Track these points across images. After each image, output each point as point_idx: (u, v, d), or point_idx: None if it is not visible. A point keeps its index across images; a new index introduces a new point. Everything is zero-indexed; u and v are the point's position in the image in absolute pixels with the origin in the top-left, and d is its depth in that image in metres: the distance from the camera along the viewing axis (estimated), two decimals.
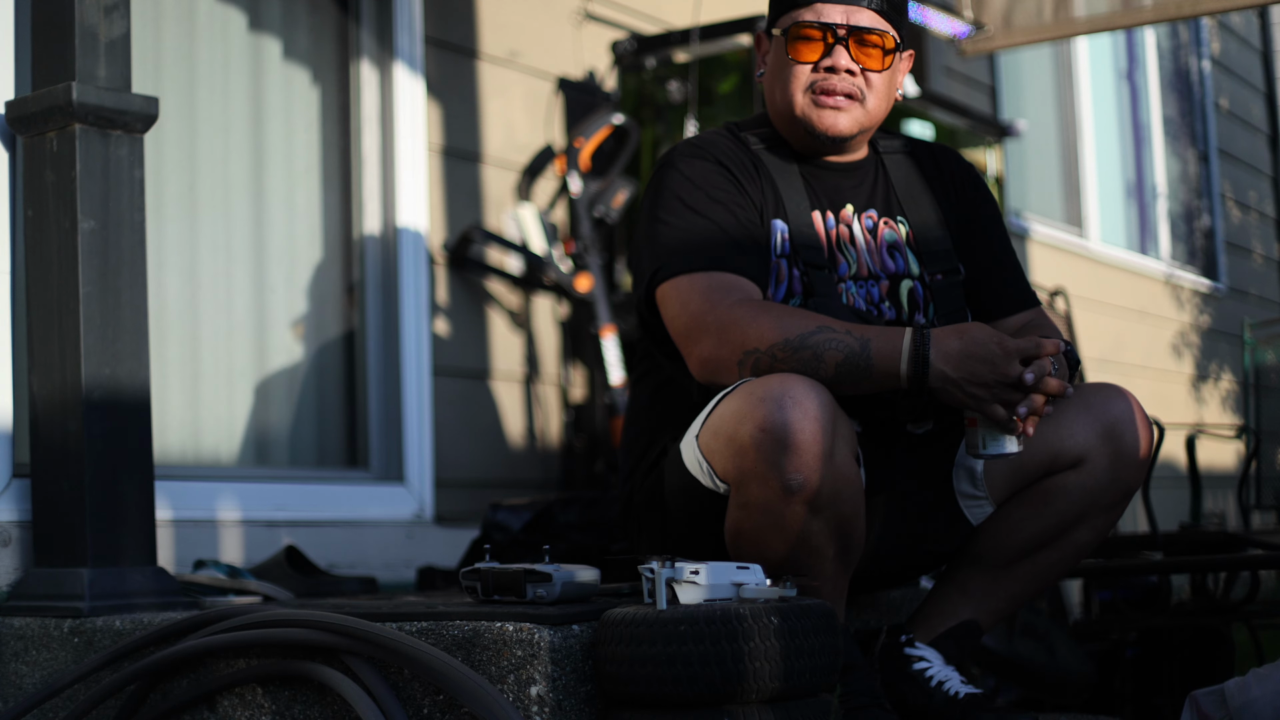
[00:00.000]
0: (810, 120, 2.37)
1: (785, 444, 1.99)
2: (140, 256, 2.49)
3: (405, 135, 3.67)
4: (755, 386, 2.05)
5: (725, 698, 1.79)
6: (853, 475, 2.09)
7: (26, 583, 2.45)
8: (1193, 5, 4.57)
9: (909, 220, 2.46)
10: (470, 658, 1.90)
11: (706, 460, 2.12)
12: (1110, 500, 2.34)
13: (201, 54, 3.44)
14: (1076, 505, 2.32)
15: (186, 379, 3.34)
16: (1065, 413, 2.30)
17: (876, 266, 2.40)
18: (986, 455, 2.16)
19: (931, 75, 5.49)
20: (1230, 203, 8.60)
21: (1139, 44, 7.91)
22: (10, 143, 2.64)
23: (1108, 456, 2.31)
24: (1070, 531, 2.35)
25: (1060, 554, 2.37)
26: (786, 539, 2.05)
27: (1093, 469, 2.31)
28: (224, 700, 2.09)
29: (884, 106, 2.41)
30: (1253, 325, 4.69)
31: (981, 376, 2.08)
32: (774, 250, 2.34)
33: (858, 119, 2.38)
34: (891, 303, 2.39)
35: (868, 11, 2.35)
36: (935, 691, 2.28)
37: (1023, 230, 6.32)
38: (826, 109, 2.37)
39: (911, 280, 2.42)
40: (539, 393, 3.92)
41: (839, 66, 2.34)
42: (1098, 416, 2.32)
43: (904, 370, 2.10)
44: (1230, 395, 8.20)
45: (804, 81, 2.37)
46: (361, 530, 3.41)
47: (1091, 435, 2.31)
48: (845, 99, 2.36)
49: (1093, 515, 2.34)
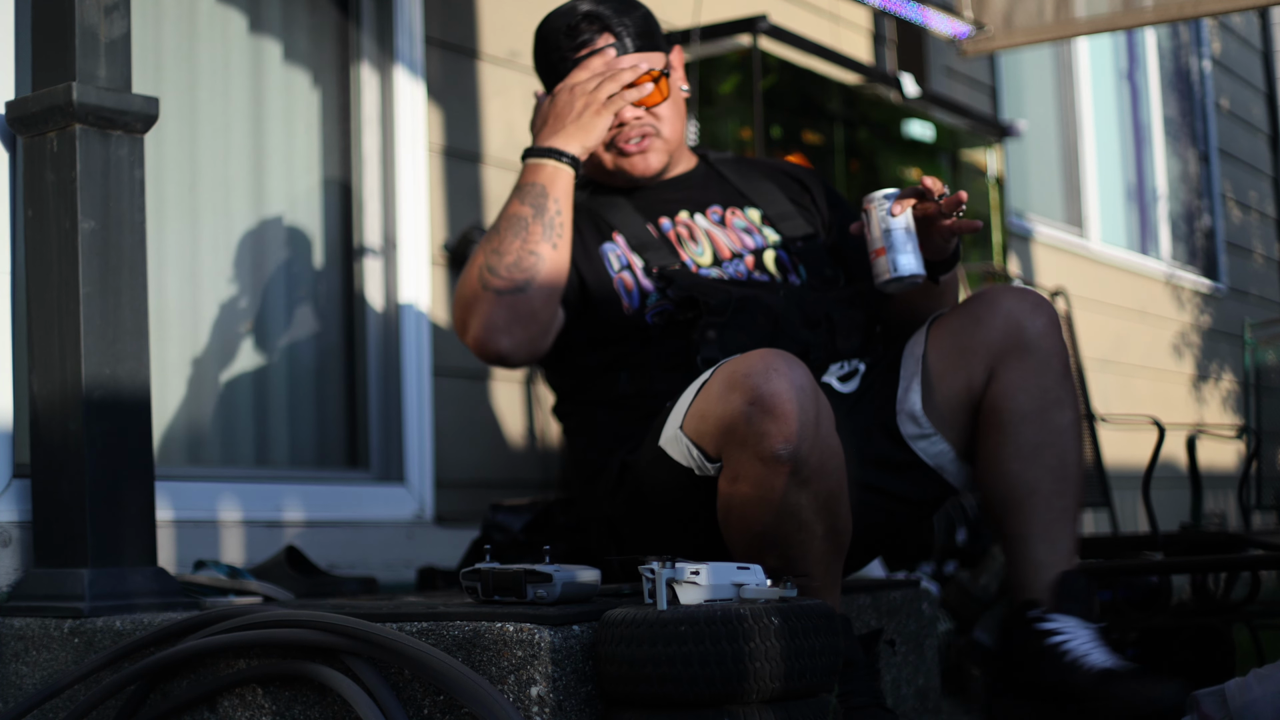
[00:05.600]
0: (624, 170, 2.59)
1: (772, 414, 2.03)
2: (140, 257, 2.49)
3: (405, 135, 3.67)
4: (738, 364, 2.10)
5: (726, 698, 1.79)
6: (837, 448, 2.12)
7: (26, 583, 2.45)
8: (1194, 6, 4.57)
9: (757, 205, 2.64)
10: (470, 658, 1.90)
11: (696, 445, 2.14)
12: (1051, 376, 2.37)
13: (202, 54, 3.44)
14: (1025, 401, 2.36)
15: (186, 379, 3.34)
16: (960, 334, 2.40)
17: (736, 245, 2.57)
18: (894, 281, 2.30)
19: (932, 75, 5.49)
20: (1231, 203, 8.60)
21: (1139, 44, 7.92)
22: (10, 143, 2.64)
23: (1017, 347, 2.37)
24: (1047, 419, 2.37)
25: (1056, 443, 2.38)
26: (775, 511, 2.07)
27: (1014, 367, 2.37)
28: (224, 700, 2.09)
29: (678, 120, 2.62)
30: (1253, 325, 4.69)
31: (567, 104, 2.44)
32: (610, 268, 2.53)
33: (662, 149, 2.60)
34: (761, 274, 2.55)
35: (624, 59, 2.53)
36: (1075, 666, 2.27)
37: (1024, 230, 6.31)
38: (634, 156, 2.58)
39: (774, 249, 2.58)
40: (539, 393, 3.92)
41: (626, 119, 2.55)
42: (989, 322, 2.39)
43: (550, 162, 2.44)
44: (1231, 395, 8.21)
45: (603, 141, 2.56)
46: (362, 531, 3.42)
47: (994, 336, 2.38)
48: (647, 139, 2.57)
49: (1049, 399, 2.37)
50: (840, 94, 4.71)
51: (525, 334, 2.42)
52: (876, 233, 2.31)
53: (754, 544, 2.09)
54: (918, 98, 4.86)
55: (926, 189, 2.31)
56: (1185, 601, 3.50)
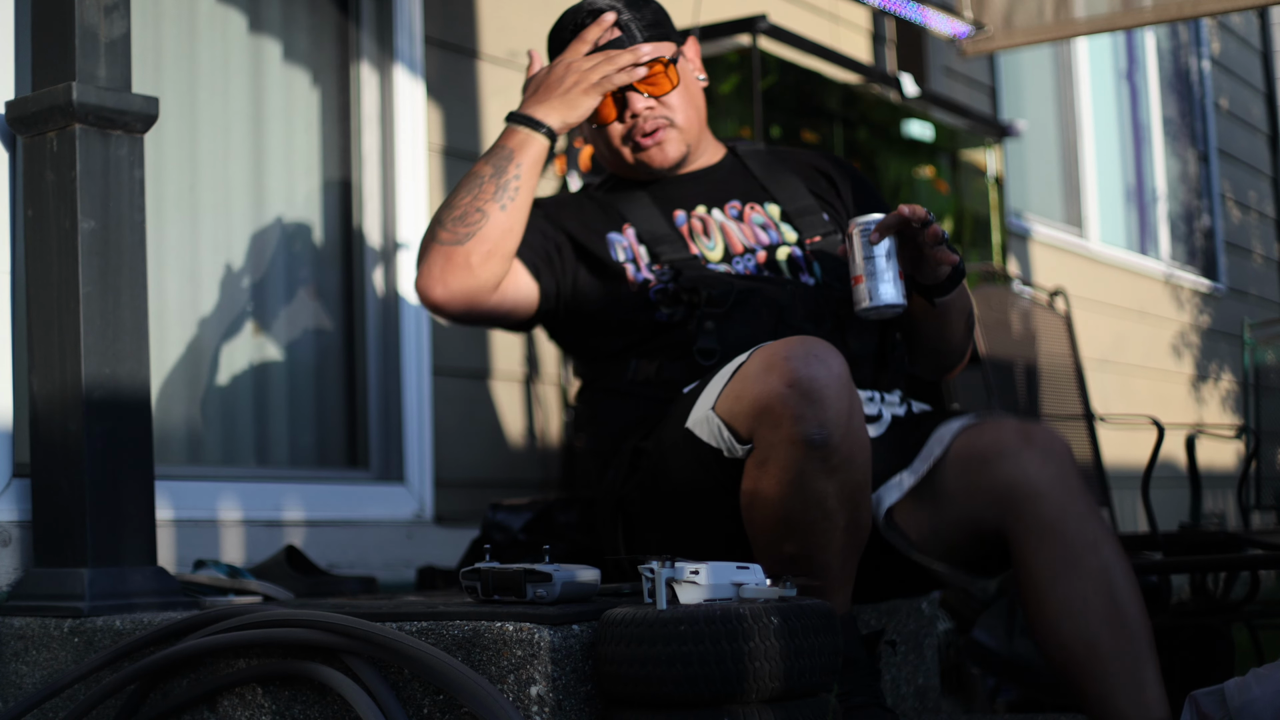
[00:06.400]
0: (644, 163, 2.58)
1: (809, 398, 2.03)
2: (140, 256, 2.49)
3: (405, 135, 3.67)
4: (778, 347, 2.10)
5: (725, 697, 1.79)
6: (866, 442, 2.12)
7: (26, 583, 2.45)
8: (1193, 6, 4.58)
9: (778, 200, 2.62)
10: (470, 658, 1.90)
11: (728, 426, 2.14)
12: (1072, 523, 2.21)
13: (202, 54, 3.44)
14: (1049, 556, 2.20)
15: (186, 378, 3.34)
16: (969, 472, 2.27)
17: (750, 241, 2.56)
18: (872, 309, 2.27)
19: (931, 75, 5.49)
20: (1230, 203, 8.61)
21: (1139, 44, 7.92)
22: (10, 143, 2.64)
23: (1030, 513, 2.22)
24: (1082, 567, 2.19)
25: (1102, 589, 2.19)
26: (801, 497, 2.06)
27: (1030, 529, 2.21)
28: (224, 700, 2.09)
29: (693, 109, 2.60)
30: (1252, 325, 4.69)
31: (559, 79, 2.44)
32: (614, 257, 2.53)
33: (678, 138, 2.58)
34: (772, 271, 2.53)
35: (628, 52, 2.51)
36: None
37: (1023, 230, 6.32)
38: (651, 149, 2.56)
39: (789, 247, 2.56)
40: (539, 393, 3.92)
41: (639, 111, 2.54)
42: (996, 475, 2.24)
43: (523, 129, 2.42)
44: (1230, 395, 8.21)
45: (618, 136, 2.56)
46: (361, 530, 3.42)
47: (1000, 491, 2.23)
48: (660, 131, 2.56)
49: (1077, 546, 2.20)
50: (840, 94, 4.71)
51: (460, 286, 2.42)
52: (858, 259, 2.27)
53: (776, 529, 2.09)
54: (917, 98, 4.86)
55: (905, 220, 2.23)
56: (1185, 601, 3.50)
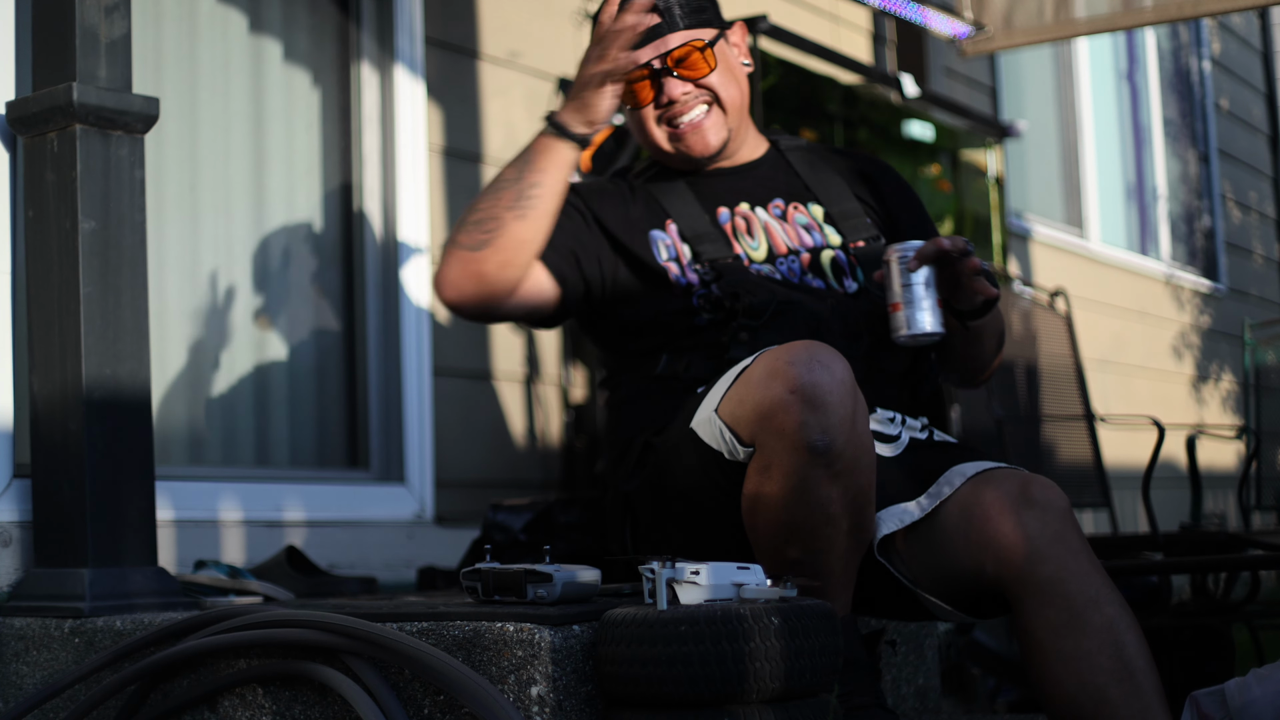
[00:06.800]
0: (683, 150, 2.52)
1: (813, 404, 2.02)
2: (141, 256, 2.49)
3: (405, 135, 3.67)
4: (781, 352, 2.09)
5: (726, 698, 1.79)
6: (870, 446, 2.11)
7: (27, 583, 2.45)
8: (1193, 6, 4.57)
9: (821, 201, 2.58)
10: (471, 658, 1.90)
11: (730, 429, 2.13)
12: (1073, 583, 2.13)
13: (202, 54, 3.44)
14: (1052, 616, 2.13)
15: (187, 379, 3.34)
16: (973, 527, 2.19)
17: (794, 242, 2.51)
18: (909, 338, 2.28)
19: (931, 75, 5.49)
20: (1230, 203, 8.61)
21: (1139, 45, 7.92)
22: (10, 143, 2.64)
23: (1029, 575, 2.14)
24: (1084, 623, 2.13)
25: (1106, 644, 2.12)
26: (804, 502, 2.05)
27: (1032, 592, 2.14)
28: (225, 700, 2.09)
29: (737, 93, 2.54)
30: (1253, 326, 4.69)
31: (578, 76, 2.38)
32: (657, 257, 2.48)
33: (720, 124, 2.52)
34: (815, 274, 2.49)
35: (671, 35, 2.47)
36: None
37: (1023, 230, 6.32)
38: (690, 137, 2.51)
39: (833, 250, 2.52)
40: (539, 393, 3.92)
41: (675, 97, 2.48)
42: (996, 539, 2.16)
43: (548, 135, 2.43)
44: (1230, 395, 8.21)
45: (654, 120, 2.51)
46: (362, 530, 3.42)
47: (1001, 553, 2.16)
48: (699, 115, 2.50)
49: (1078, 604, 2.13)
50: (840, 94, 4.71)
51: (474, 291, 2.42)
52: (896, 286, 2.28)
53: (779, 534, 2.08)
54: (917, 98, 4.86)
55: (944, 252, 2.25)
56: (1185, 601, 3.50)
